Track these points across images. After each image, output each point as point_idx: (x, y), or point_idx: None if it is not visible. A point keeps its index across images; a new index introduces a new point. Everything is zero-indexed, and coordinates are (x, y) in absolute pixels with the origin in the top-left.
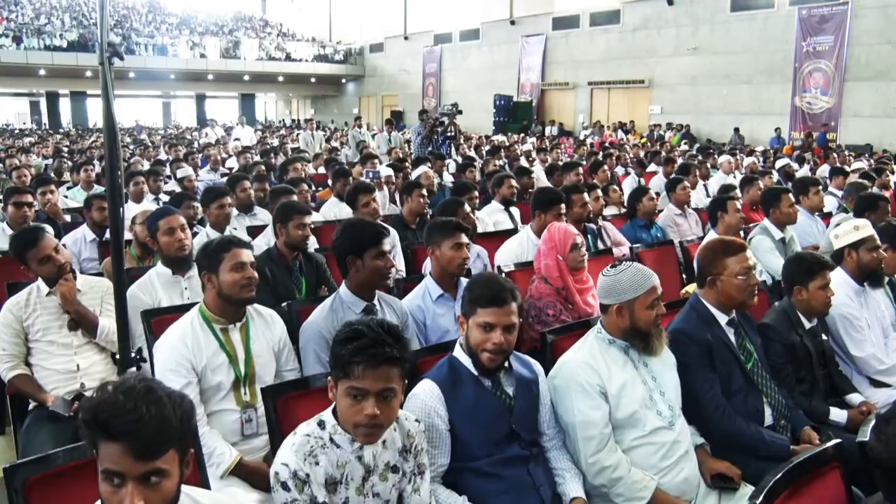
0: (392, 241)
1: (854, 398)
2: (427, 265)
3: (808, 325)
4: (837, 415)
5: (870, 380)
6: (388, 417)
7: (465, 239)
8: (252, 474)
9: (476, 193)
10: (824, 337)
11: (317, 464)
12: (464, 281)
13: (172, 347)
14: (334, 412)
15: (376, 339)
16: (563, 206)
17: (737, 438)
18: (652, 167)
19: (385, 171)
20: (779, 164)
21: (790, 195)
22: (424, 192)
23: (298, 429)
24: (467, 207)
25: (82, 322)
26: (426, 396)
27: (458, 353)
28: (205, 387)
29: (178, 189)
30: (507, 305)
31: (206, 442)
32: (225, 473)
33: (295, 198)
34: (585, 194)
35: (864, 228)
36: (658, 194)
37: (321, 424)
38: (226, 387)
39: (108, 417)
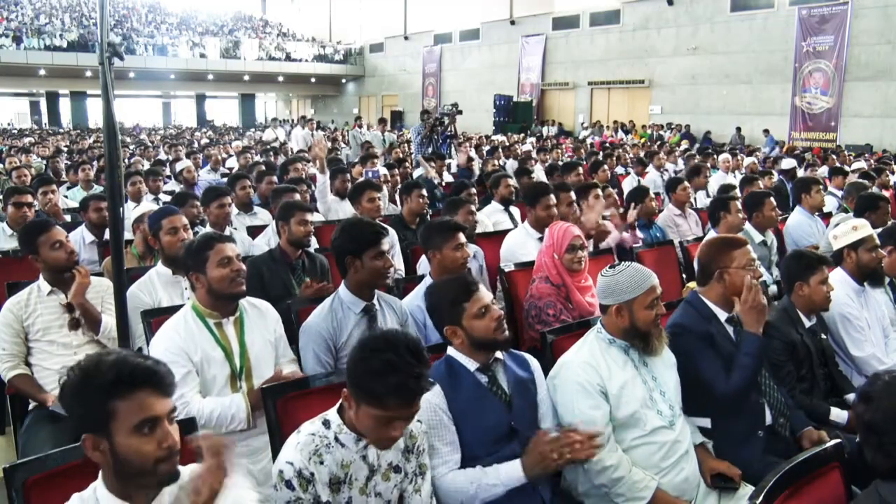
0: (391, 241)
1: (854, 398)
2: (421, 265)
3: (808, 323)
4: (837, 415)
5: None
6: (405, 430)
7: (463, 238)
8: (256, 395)
9: (473, 190)
10: (824, 336)
11: (321, 463)
12: None
13: (168, 339)
14: (339, 411)
15: (411, 373)
16: (551, 197)
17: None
18: (650, 167)
19: (381, 170)
20: (785, 164)
21: (772, 199)
22: (424, 192)
23: (303, 427)
24: (472, 207)
25: (86, 318)
26: (430, 395)
27: (454, 352)
28: (200, 380)
29: (177, 188)
30: (480, 286)
31: (212, 409)
32: (248, 417)
33: (297, 197)
34: (572, 193)
35: (862, 228)
36: (658, 194)
37: (326, 424)
38: (221, 381)
39: (132, 368)
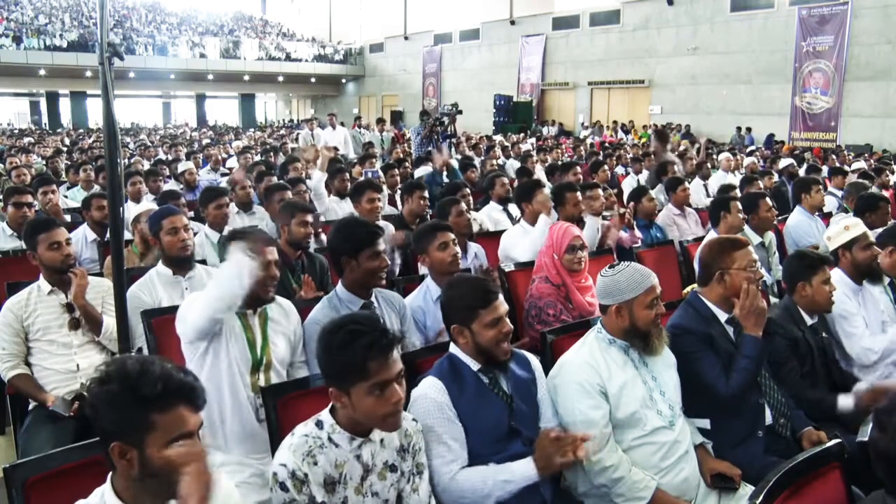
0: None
1: (859, 386)
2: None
3: (809, 321)
4: (844, 402)
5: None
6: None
7: (449, 236)
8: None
9: (468, 191)
10: (825, 334)
11: (315, 464)
12: None
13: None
14: (332, 412)
15: (375, 328)
16: (544, 189)
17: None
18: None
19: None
20: (782, 164)
21: (767, 199)
22: (425, 192)
23: (296, 429)
24: (463, 206)
25: (88, 319)
26: (434, 394)
27: (456, 350)
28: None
29: (178, 189)
30: (500, 295)
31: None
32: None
33: (289, 194)
34: (579, 193)
35: (854, 228)
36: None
37: (319, 424)
38: (243, 368)
39: (178, 384)
